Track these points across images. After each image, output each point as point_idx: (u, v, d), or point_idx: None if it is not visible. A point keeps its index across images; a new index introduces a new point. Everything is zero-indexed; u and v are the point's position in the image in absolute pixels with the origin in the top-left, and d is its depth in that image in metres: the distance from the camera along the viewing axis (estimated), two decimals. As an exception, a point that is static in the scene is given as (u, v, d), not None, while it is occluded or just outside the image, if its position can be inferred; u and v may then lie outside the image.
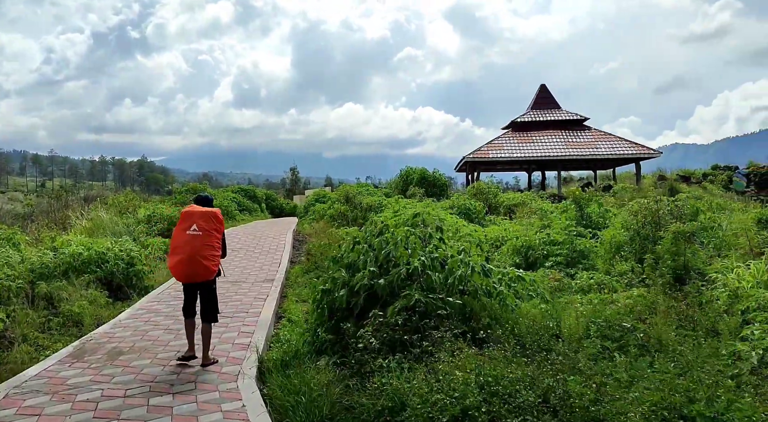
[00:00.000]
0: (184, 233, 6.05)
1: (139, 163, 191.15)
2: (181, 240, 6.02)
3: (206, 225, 6.13)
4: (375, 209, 18.07)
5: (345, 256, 6.44)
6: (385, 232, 6.35)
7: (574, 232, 10.74)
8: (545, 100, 33.72)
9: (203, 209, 6.36)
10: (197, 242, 5.99)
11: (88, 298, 9.19)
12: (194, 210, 6.28)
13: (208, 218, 6.22)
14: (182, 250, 5.95)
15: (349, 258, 6.34)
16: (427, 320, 5.42)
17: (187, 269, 5.95)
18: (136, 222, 16.11)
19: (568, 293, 7.76)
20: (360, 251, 6.30)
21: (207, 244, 6.06)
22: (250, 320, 8.02)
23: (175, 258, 6.00)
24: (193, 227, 6.05)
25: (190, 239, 5.99)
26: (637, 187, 26.67)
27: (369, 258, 6.11)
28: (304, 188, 68.76)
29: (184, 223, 6.14)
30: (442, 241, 6.30)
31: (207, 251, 6.04)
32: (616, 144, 29.99)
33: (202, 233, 6.05)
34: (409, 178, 32.48)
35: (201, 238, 6.03)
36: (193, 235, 6.01)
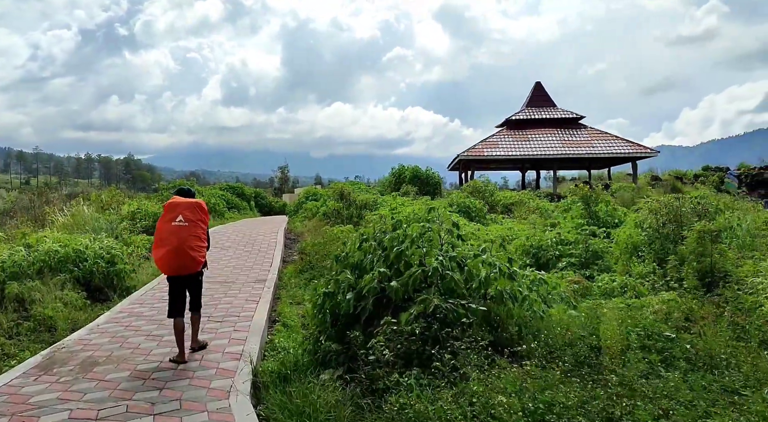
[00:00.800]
0: (170, 224, 5.87)
1: (126, 160, 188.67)
2: (167, 232, 5.87)
3: (192, 216, 5.99)
4: (370, 207, 17.37)
5: (350, 255, 5.75)
6: (397, 228, 5.66)
7: (586, 231, 10.12)
8: (541, 98, 33.21)
9: (188, 200, 6.22)
10: (183, 233, 5.86)
11: (64, 300, 8.41)
12: (179, 201, 6.11)
13: (194, 208, 6.08)
14: (168, 242, 5.81)
15: (355, 258, 5.65)
16: (448, 329, 4.74)
17: (174, 260, 5.81)
18: (119, 219, 15.28)
19: (590, 298, 7.12)
20: (368, 249, 5.61)
21: (193, 234, 5.93)
22: (242, 325, 7.29)
23: (162, 250, 5.83)
24: (179, 218, 5.89)
25: (176, 230, 5.84)
26: (633, 186, 26.22)
27: (378, 258, 5.42)
28: (293, 186, 67.92)
29: (169, 214, 5.95)
30: (460, 239, 5.62)
31: (194, 241, 5.92)
32: (612, 143, 29.53)
33: (188, 223, 5.91)
34: (401, 176, 31.80)
35: (187, 229, 5.89)
36: (179, 226, 5.86)
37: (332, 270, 6.00)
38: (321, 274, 10.98)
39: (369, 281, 5.21)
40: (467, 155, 29.62)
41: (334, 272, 5.88)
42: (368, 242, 5.71)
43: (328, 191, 25.48)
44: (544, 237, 9.85)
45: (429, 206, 6.47)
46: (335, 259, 5.89)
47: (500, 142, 30.54)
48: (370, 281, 5.21)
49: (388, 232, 5.75)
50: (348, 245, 5.92)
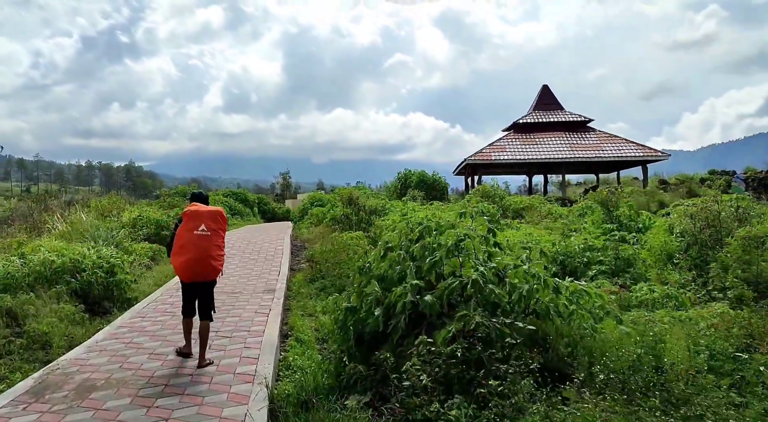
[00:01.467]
0: (192, 232, 5.88)
1: (127, 167, 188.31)
2: (189, 240, 5.87)
3: (214, 225, 6.03)
4: (378, 213, 16.81)
5: (375, 266, 5.18)
6: (426, 236, 5.10)
7: (615, 237, 9.54)
8: (548, 101, 32.66)
9: (209, 208, 6.22)
10: (206, 242, 5.89)
11: (60, 314, 7.84)
12: (201, 210, 6.09)
13: (215, 218, 6.11)
14: (189, 250, 5.83)
15: (381, 269, 5.09)
16: (492, 349, 4.17)
17: (196, 268, 5.85)
18: (119, 226, 14.72)
19: (630, 310, 6.55)
20: (395, 259, 5.05)
21: (215, 244, 5.99)
22: (253, 341, 6.71)
23: (183, 258, 5.85)
24: (201, 227, 5.91)
25: (197, 239, 5.86)
26: (645, 190, 25.60)
27: (409, 269, 4.85)
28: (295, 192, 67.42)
29: (192, 222, 5.95)
30: (498, 247, 5.05)
31: (215, 251, 5.97)
32: (622, 146, 28.96)
33: (210, 233, 5.95)
34: (407, 181, 31.29)
35: (209, 238, 5.93)
36: (202, 235, 5.89)
37: (354, 282, 5.43)
38: (332, 283, 10.42)
39: (401, 296, 4.65)
40: (474, 159, 29.08)
41: (357, 285, 5.32)
42: (394, 251, 5.15)
43: (333, 197, 24.93)
44: (570, 243, 9.27)
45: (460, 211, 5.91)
46: (358, 270, 5.33)
47: (508, 146, 29.99)
48: (402, 296, 4.64)
49: (419, 240, 5.19)
50: (372, 255, 5.35)
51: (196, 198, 6.48)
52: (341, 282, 10.32)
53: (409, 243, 5.28)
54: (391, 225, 14.48)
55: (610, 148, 28.90)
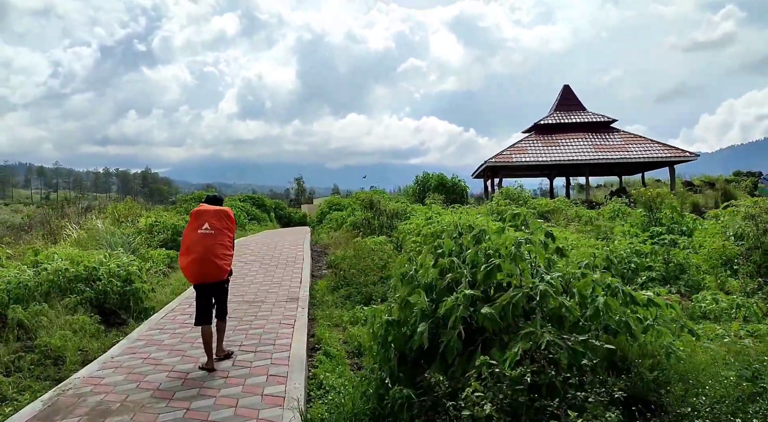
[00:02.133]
0: (196, 232, 5.82)
1: (143, 174, 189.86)
2: (193, 240, 5.82)
3: (218, 224, 5.94)
4: (400, 216, 16.24)
5: (421, 274, 4.61)
6: (482, 240, 4.53)
7: (665, 240, 8.86)
8: (569, 102, 31.88)
9: (215, 207, 6.17)
10: (209, 241, 5.81)
11: (73, 325, 7.37)
12: (205, 209, 6.06)
13: (220, 216, 6.03)
14: (194, 250, 5.76)
15: (429, 277, 4.51)
16: (566, 373, 3.58)
17: (199, 268, 5.76)
18: (136, 232, 14.31)
19: (695, 322, 5.90)
20: (446, 266, 4.47)
21: (219, 243, 5.87)
22: (279, 357, 6.17)
23: (188, 258, 5.79)
24: (204, 226, 5.84)
25: (201, 238, 5.79)
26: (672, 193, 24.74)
27: (463, 277, 4.28)
28: (310, 197, 67.17)
29: (196, 222, 5.90)
30: (560, 254, 4.45)
31: (219, 249, 5.86)
32: (648, 147, 28.10)
33: (214, 231, 5.87)
34: (426, 184, 30.66)
35: (213, 237, 5.84)
36: (205, 234, 5.81)
37: (396, 292, 4.86)
38: (358, 291, 9.87)
39: (453, 308, 4.07)
40: (495, 162, 28.40)
41: (400, 295, 4.75)
42: (445, 257, 4.57)
43: (352, 201, 24.42)
44: (615, 248, 8.62)
45: (513, 213, 5.31)
46: (401, 278, 4.75)
47: (529, 147, 29.27)
48: (454, 308, 4.06)
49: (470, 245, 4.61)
50: (418, 260, 4.78)
51: (209, 200, 6.46)
52: (367, 290, 9.77)
53: (459, 249, 4.70)
54: (415, 229, 13.91)
55: (636, 148, 28.06)
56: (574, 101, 31.94)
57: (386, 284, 10.20)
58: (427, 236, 12.56)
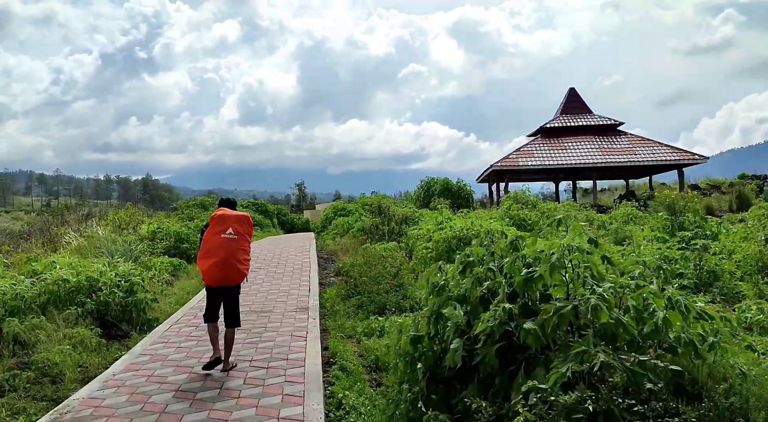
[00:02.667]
0: (219, 236, 5.88)
1: (144, 181, 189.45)
2: (215, 243, 5.87)
3: (241, 229, 6.03)
4: (409, 222, 15.83)
5: (453, 285, 4.20)
6: (518, 246, 4.11)
7: (696, 245, 8.44)
8: (575, 105, 31.49)
9: (237, 213, 6.25)
10: (233, 245, 5.89)
11: (74, 339, 6.96)
12: (228, 214, 6.12)
13: (242, 221, 6.13)
14: (216, 253, 5.82)
15: (462, 288, 4.10)
16: (631, 400, 3.16)
17: (221, 272, 5.83)
18: (138, 239, 13.91)
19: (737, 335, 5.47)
20: (479, 276, 4.06)
21: (241, 248, 5.98)
22: (294, 373, 5.75)
23: (209, 261, 5.84)
24: (228, 231, 5.91)
25: (224, 242, 5.86)
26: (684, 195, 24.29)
27: (500, 287, 3.86)
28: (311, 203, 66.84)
29: (219, 226, 5.96)
30: (607, 262, 4.04)
31: (241, 254, 5.97)
32: (656, 149, 27.69)
33: (237, 236, 5.94)
34: (431, 189, 30.28)
35: (236, 242, 5.93)
36: (229, 239, 5.88)
37: (425, 304, 4.44)
38: (371, 300, 9.45)
39: (489, 322, 3.65)
40: (501, 166, 27.99)
41: (429, 308, 4.33)
42: (476, 265, 4.16)
43: (357, 206, 24.02)
44: (642, 253, 8.19)
45: (559, 216, 4.88)
46: (431, 289, 4.34)
47: (535, 151, 28.87)
48: (490, 321, 3.65)
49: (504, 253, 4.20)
50: (449, 270, 4.37)
51: (225, 203, 6.53)
52: (381, 299, 9.35)
53: (491, 256, 4.29)
54: (425, 235, 13.50)
55: (644, 151, 27.66)
56: (580, 104, 31.57)
57: (399, 292, 9.80)
58: (439, 242, 12.17)
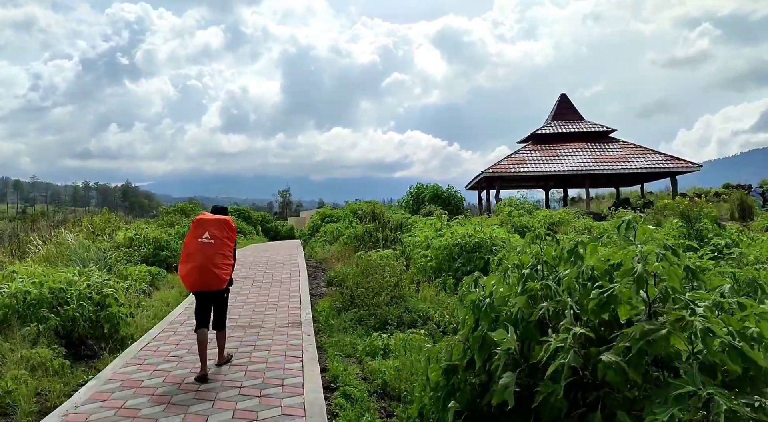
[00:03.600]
0: (196, 240, 5.84)
1: (123, 188, 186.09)
2: (194, 248, 5.84)
3: (219, 233, 5.95)
4: (404, 228, 15.03)
5: (504, 304, 3.39)
6: (577, 255, 3.33)
7: (732, 255, 7.75)
8: (567, 111, 31.06)
9: (216, 216, 6.18)
10: (209, 250, 5.83)
11: (32, 361, 6.01)
12: (207, 218, 6.09)
13: (221, 225, 6.04)
14: (194, 258, 5.79)
15: (516, 307, 3.29)
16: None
17: (198, 277, 5.78)
18: (113, 247, 12.91)
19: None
20: (535, 292, 3.26)
21: (219, 252, 5.89)
22: (292, 403, 4.88)
23: (187, 266, 5.81)
24: (205, 235, 5.86)
25: (201, 247, 5.82)
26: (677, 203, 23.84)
27: (566, 308, 3.06)
28: (296, 210, 65.86)
29: (197, 231, 5.91)
30: (693, 276, 3.26)
31: (219, 259, 5.88)
32: (649, 157, 27.30)
33: (214, 241, 5.89)
34: (420, 195, 29.62)
35: (213, 246, 5.86)
36: (205, 243, 5.84)
37: (463, 326, 3.62)
38: (370, 313, 8.60)
39: (558, 353, 2.84)
40: (493, 172, 27.36)
41: (465, 331, 3.52)
42: (531, 279, 3.36)
43: (346, 213, 23.18)
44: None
45: (623, 218, 4.09)
46: (472, 307, 3.52)
47: (527, 157, 28.31)
48: (560, 353, 2.83)
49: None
50: (493, 282, 3.56)
51: (214, 210, 6.51)
52: (381, 312, 8.51)
53: (548, 270, 3.50)
54: (423, 242, 12.71)
55: (637, 159, 27.26)
56: (571, 110, 31.16)
57: (400, 305, 8.97)
58: (439, 250, 11.38)
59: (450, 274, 10.78)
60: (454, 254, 11.06)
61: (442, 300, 9.14)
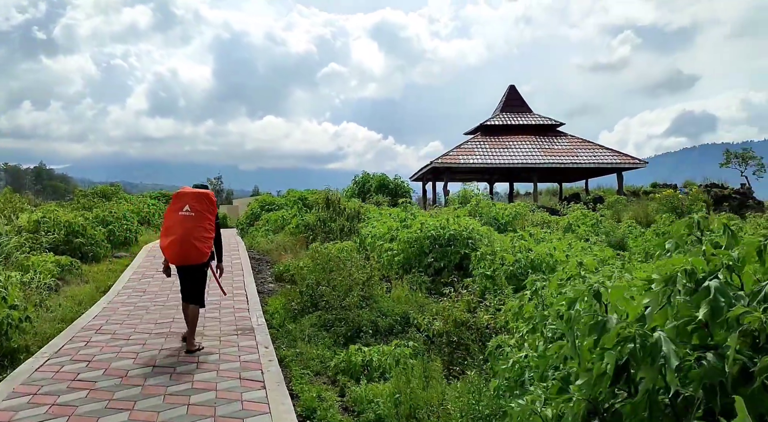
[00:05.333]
0: (177, 213, 5.78)
1: (37, 170, 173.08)
2: (174, 221, 5.77)
3: (199, 206, 5.84)
4: (360, 218, 13.52)
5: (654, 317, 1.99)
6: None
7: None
8: (515, 103, 30.41)
9: (196, 190, 6.07)
10: (189, 223, 5.74)
11: None
12: (187, 191, 6.01)
13: (201, 199, 5.90)
14: (174, 231, 5.71)
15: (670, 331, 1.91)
16: None
17: (179, 250, 5.70)
18: (13, 231, 10.67)
19: None
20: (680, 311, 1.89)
21: (199, 225, 5.79)
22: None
23: (168, 239, 5.73)
24: (185, 208, 5.77)
25: (182, 220, 5.74)
26: (625, 199, 23.62)
27: None
28: (227, 198, 62.89)
29: (177, 204, 5.86)
30: None
31: (199, 232, 5.78)
32: (597, 152, 27.06)
33: (194, 214, 5.79)
34: (366, 185, 28.20)
35: (193, 219, 5.77)
36: (185, 216, 5.75)
37: (584, 357, 2.19)
38: (338, 317, 7.06)
39: None
40: (442, 163, 26.26)
41: (596, 371, 2.10)
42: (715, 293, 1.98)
43: (287, 201, 21.39)
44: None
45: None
46: (589, 327, 2.10)
47: (476, 149, 27.41)
48: None
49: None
50: (641, 296, 2.16)
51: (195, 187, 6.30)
52: (351, 317, 7.00)
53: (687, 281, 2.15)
54: (386, 234, 11.28)
55: (585, 153, 26.95)
56: (519, 102, 30.56)
57: (372, 306, 7.50)
58: (409, 243, 9.98)
59: (421, 270, 9.41)
60: (425, 247, 9.69)
61: (421, 302, 7.75)
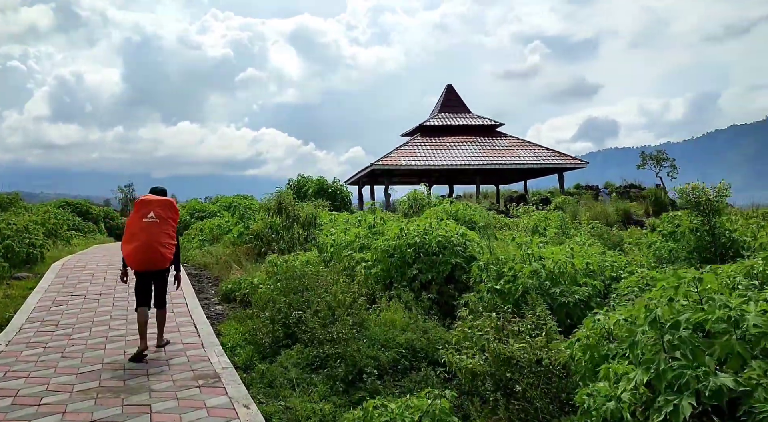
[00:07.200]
0: (141, 220, 5.84)
1: None
2: (138, 227, 5.82)
3: (163, 213, 5.92)
4: (317, 225, 11.84)
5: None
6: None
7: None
8: (454, 103, 29.56)
9: (160, 197, 6.15)
10: (154, 229, 5.82)
11: None
12: (151, 198, 6.08)
13: (165, 206, 6.03)
14: (139, 237, 5.76)
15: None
16: None
17: (143, 256, 5.76)
18: None
19: None
20: None
21: (164, 231, 5.87)
22: None
23: (132, 245, 5.78)
24: (150, 214, 5.85)
25: (146, 226, 5.81)
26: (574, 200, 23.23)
27: None
28: (141, 207, 58.59)
29: (141, 210, 5.91)
30: None
31: (164, 238, 5.86)
32: (538, 152, 26.67)
33: (159, 220, 5.86)
34: (302, 190, 26.32)
35: (158, 225, 5.85)
36: (150, 222, 5.83)
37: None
38: (330, 355, 5.43)
39: None
40: (383, 164, 24.86)
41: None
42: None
43: (218, 208, 19.25)
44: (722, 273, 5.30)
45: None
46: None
47: (417, 150, 26.27)
48: None
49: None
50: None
51: (153, 191, 6.30)
52: (350, 353, 5.38)
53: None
54: (354, 242, 9.70)
55: (526, 154, 26.49)
56: (457, 102, 29.78)
57: (366, 335, 5.93)
58: (390, 252, 8.46)
59: (405, 284, 7.91)
60: (408, 257, 8.20)
61: (423, 327, 6.25)
